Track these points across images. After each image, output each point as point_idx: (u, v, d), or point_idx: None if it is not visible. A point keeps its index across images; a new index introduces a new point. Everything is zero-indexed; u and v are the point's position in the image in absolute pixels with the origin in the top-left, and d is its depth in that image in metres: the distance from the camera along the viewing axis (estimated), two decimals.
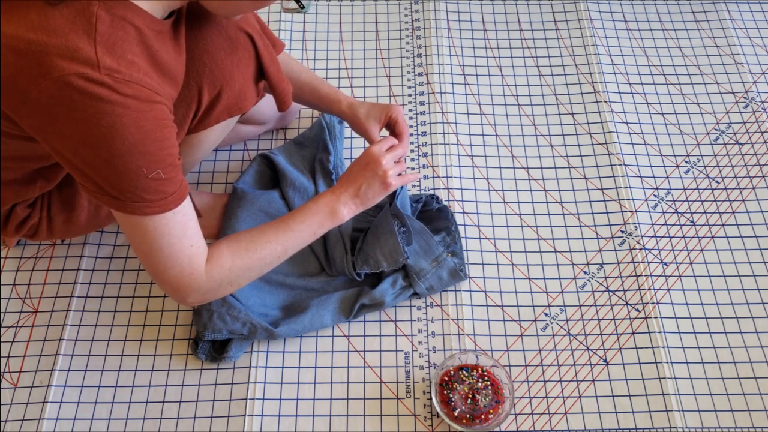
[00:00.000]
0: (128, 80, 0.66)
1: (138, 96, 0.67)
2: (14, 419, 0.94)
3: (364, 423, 0.95)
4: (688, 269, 1.09)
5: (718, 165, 1.21)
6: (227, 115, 0.91)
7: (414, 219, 1.07)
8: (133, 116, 0.67)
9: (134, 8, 0.68)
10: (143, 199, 0.71)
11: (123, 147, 0.67)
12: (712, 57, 1.36)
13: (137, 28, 0.68)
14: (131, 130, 0.67)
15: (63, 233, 0.97)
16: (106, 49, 0.65)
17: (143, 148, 0.69)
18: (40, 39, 0.63)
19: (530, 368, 1.00)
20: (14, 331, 1.02)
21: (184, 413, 0.95)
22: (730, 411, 0.97)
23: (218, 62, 0.86)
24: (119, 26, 0.66)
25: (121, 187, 0.70)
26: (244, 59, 0.89)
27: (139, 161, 0.69)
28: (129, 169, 0.69)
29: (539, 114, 1.27)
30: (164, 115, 0.71)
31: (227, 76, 0.87)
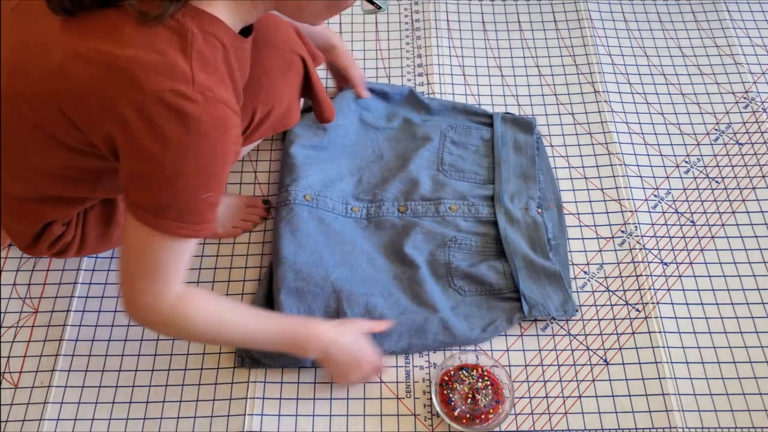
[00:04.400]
0: (218, 100, 0.66)
1: (222, 118, 0.67)
2: (15, 420, 0.94)
3: (364, 423, 0.95)
4: (688, 269, 1.09)
5: (718, 165, 1.21)
6: (272, 131, 0.93)
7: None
8: (213, 138, 0.67)
9: (221, 25, 0.68)
10: (182, 219, 0.70)
11: (192, 166, 0.67)
12: (712, 57, 1.36)
13: (224, 45, 0.68)
14: (206, 151, 0.67)
15: (93, 250, 0.97)
16: (201, 65, 0.65)
17: (209, 170, 0.69)
18: (137, 55, 0.63)
19: (530, 368, 1.00)
20: (14, 331, 1.02)
21: (184, 413, 0.96)
22: (730, 411, 0.97)
23: (273, 84, 0.88)
24: (210, 43, 0.66)
25: (169, 204, 0.69)
26: (295, 80, 0.91)
27: (200, 181, 0.69)
28: (188, 187, 0.69)
29: (539, 114, 1.27)
30: (237, 140, 0.71)
31: (278, 96, 0.89)
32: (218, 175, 0.71)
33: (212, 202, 0.72)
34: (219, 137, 0.67)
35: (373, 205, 1.11)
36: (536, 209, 1.11)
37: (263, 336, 0.86)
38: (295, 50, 0.91)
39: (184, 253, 0.75)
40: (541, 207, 1.12)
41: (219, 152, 0.69)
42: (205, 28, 0.66)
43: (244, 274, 1.08)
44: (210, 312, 0.81)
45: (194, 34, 0.65)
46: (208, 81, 0.65)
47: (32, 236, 0.90)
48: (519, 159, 1.17)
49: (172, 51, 0.64)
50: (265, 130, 0.91)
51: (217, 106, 0.66)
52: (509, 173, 1.15)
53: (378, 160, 1.17)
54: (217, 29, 0.68)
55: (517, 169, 1.16)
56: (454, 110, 1.24)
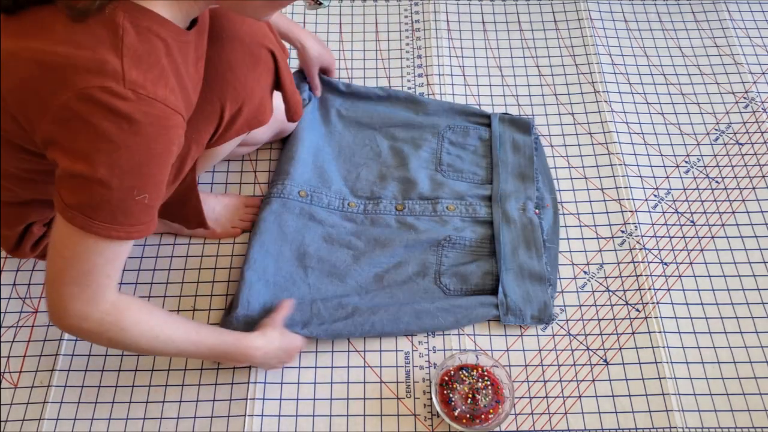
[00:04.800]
0: (152, 98, 0.64)
1: (158, 116, 0.65)
2: (14, 419, 0.94)
3: (364, 423, 0.95)
4: (688, 269, 1.09)
5: (718, 165, 1.21)
6: (247, 128, 0.92)
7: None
8: (146, 138, 0.65)
9: (159, 19, 0.66)
10: (115, 221, 0.68)
11: (126, 166, 0.65)
12: (712, 57, 1.36)
13: (163, 40, 0.66)
14: (140, 150, 0.65)
15: None
16: (133, 62, 0.63)
17: (145, 170, 0.67)
18: (67, 52, 0.62)
19: (530, 368, 1.00)
20: (14, 331, 1.02)
21: (184, 413, 0.95)
22: (730, 411, 0.97)
23: (241, 79, 0.86)
24: (146, 39, 0.64)
25: (99, 204, 0.67)
26: (264, 74, 0.90)
27: (134, 182, 0.67)
28: (121, 188, 0.66)
29: (539, 114, 1.27)
30: (175, 140, 0.69)
31: (248, 92, 0.87)
32: (154, 176, 0.68)
33: (148, 204, 0.69)
34: (154, 136, 0.65)
35: (371, 202, 1.12)
36: (533, 210, 1.11)
37: (197, 351, 0.86)
38: (263, 44, 0.88)
39: (118, 256, 0.72)
40: (539, 207, 1.12)
41: (155, 152, 0.66)
42: (141, 23, 0.64)
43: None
44: (144, 324, 0.78)
45: (126, 29, 0.63)
46: (141, 78, 0.63)
47: (15, 239, 0.90)
48: (517, 159, 1.18)
49: (102, 48, 0.62)
50: (239, 127, 0.90)
51: (151, 104, 0.64)
52: (507, 173, 1.16)
53: (376, 158, 1.17)
54: (155, 24, 0.65)
55: (515, 169, 1.16)
56: (452, 111, 1.24)
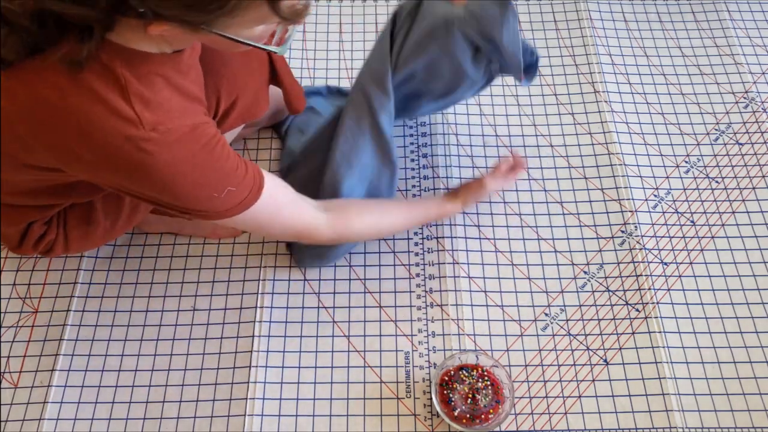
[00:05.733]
0: (171, 127, 0.68)
1: (184, 135, 0.69)
2: (14, 419, 0.94)
3: (364, 423, 0.95)
4: (688, 269, 1.09)
5: (718, 165, 1.21)
6: (241, 121, 0.93)
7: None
8: (184, 162, 0.70)
9: (153, 58, 0.68)
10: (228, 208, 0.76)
11: (188, 185, 0.71)
12: (712, 57, 1.36)
13: (162, 76, 0.69)
14: (187, 169, 0.70)
15: (78, 248, 0.97)
16: (143, 105, 0.66)
17: (205, 180, 0.73)
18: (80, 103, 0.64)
19: (530, 368, 1.00)
20: (14, 331, 1.02)
21: (184, 413, 0.95)
22: (730, 411, 0.97)
23: (234, 72, 0.88)
24: (147, 81, 0.67)
25: (204, 209, 0.75)
26: (258, 68, 0.92)
27: (206, 191, 0.73)
28: (203, 198, 0.74)
29: (539, 114, 1.27)
30: (210, 136, 0.73)
31: (242, 85, 0.89)
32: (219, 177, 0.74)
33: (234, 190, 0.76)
34: (190, 154, 0.70)
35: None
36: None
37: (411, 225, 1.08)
38: None
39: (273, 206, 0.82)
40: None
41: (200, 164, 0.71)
42: (137, 69, 0.67)
43: (244, 274, 1.08)
44: (369, 226, 0.97)
45: (127, 79, 0.66)
46: (155, 116, 0.67)
47: (18, 237, 0.91)
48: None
49: (112, 95, 0.65)
50: (233, 120, 0.92)
51: (174, 132, 0.68)
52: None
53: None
54: (150, 66, 0.68)
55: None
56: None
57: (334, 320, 1.04)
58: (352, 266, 1.09)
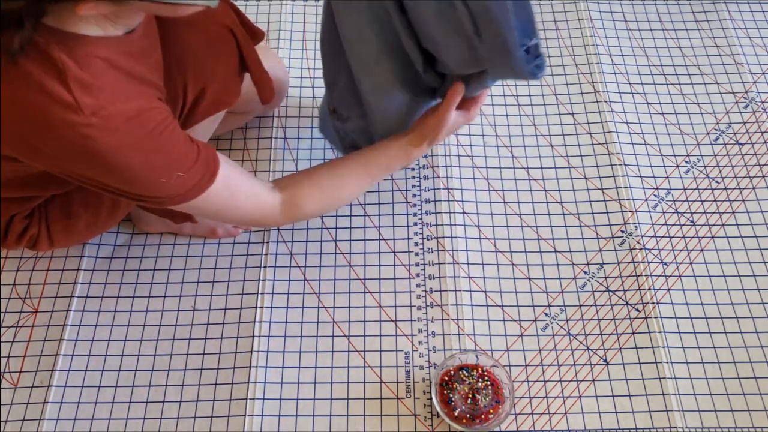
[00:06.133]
0: (113, 112, 0.67)
1: (129, 120, 0.68)
2: (14, 419, 0.94)
3: (364, 423, 0.95)
4: (688, 269, 1.09)
5: (718, 165, 1.21)
6: (213, 110, 0.91)
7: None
8: (128, 141, 0.68)
9: (96, 41, 0.67)
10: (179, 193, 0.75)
11: (134, 170, 0.70)
12: (712, 57, 1.36)
13: (105, 59, 0.68)
14: (132, 154, 0.69)
15: (64, 242, 0.97)
16: (83, 90, 0.65)
17: (152, 165, 0.71)
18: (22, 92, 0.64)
19: (530, 368, 1.00)
20: (14, 331, 1.02)
21: (184, 413, 0.95)
22: (730, 411, 0.97)
23: (200, 60, 0.86)
24: (86, 64, 0.66)
25: (152, 195, 0.74)
26: (226, 53, 0.89)
27: (154, 175, 0.72)
28: (151, 183, 0.73)
29: (539, 114, 1.27)
30: (160, 120, 0.72)
31: (210, 72, 0.87)
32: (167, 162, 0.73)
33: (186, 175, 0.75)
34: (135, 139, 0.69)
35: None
36: None
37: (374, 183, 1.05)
38: (222, 23, 0.88)
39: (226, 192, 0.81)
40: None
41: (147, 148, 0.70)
42: (75, 51, 0.65)
43: (244, 274, 1.08)
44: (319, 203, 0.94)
45: (65, 63, 0.64)
46: (95, 101, 0.66)
47: (1, 232, 0.91)
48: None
49: (50, 82, 0.64)
50: (204, 110, 0.90)
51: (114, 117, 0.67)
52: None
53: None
54: (88, 47, 0.66)
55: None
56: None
57: (334, 320, 1.04)
58: (352, 266, 1.09)
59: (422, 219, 1.14)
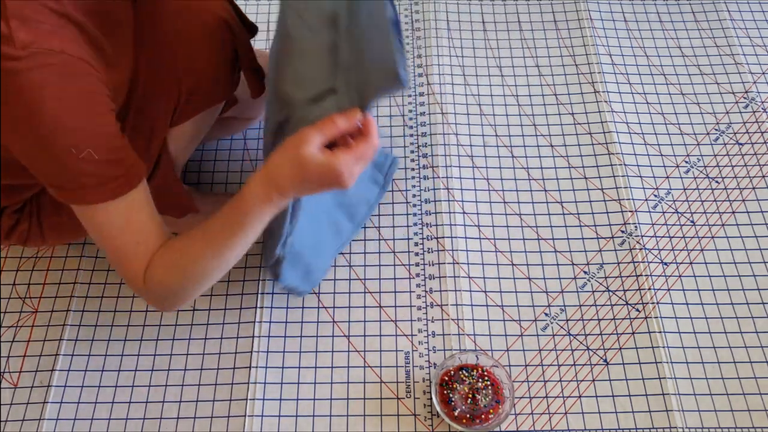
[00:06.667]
0: (48, 48, 0.61)
1: (60, 65, 0.62)
2: (14, 419, 0.94)
3: (364, 423, 0.95)
4: (688, 269, 1.09)
5: (718, 165, 1.21)
6: (208, 104, 0.90)
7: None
8: (52, 89, 0.62)
9: None
10: (81, 184, 0.67)
11: (46, 123, 0.63)
12: (712, 57, 1.36)
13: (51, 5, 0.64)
14: (52, 104, 0.63)
15: (55, 238, 0.95)
16: (20, 22, 0.61)
17: (68, 124, 0.64)
18: None
19: (530, 368, 1.00)
20: (14, 331, 1.02)
21: (184, 413, 0.95)
22: (730, 411, 0.97)
23: (193, 52, 0.84)
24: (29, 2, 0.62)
25: (56, 171, 0.66)
26: (220, 47, 0.87)
27: (66, 139, 0.64)
28: (57, 148, 0.64)
29: (539, 114, 1.27)
30: (93, 88, 0.66)
31: (204, 65, 0.85)
32: (85, 129, 0.65)
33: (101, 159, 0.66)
34: (61, 86, 0.63)
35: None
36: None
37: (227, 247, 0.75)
38: (216, 13, 0.85)
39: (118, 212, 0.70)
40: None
41: (70, 104, 0.64)
42: None
43: (244, 274, 1.08)
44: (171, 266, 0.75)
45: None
46: (31, 36, 0.61)
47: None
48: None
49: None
50: (198, 103, 0.88)
51: (48, 56, 0.62)
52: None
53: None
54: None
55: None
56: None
57: (334, 320, 1.04)
58: (352, 266, 1.09)
59: (422, 219, 1.14)
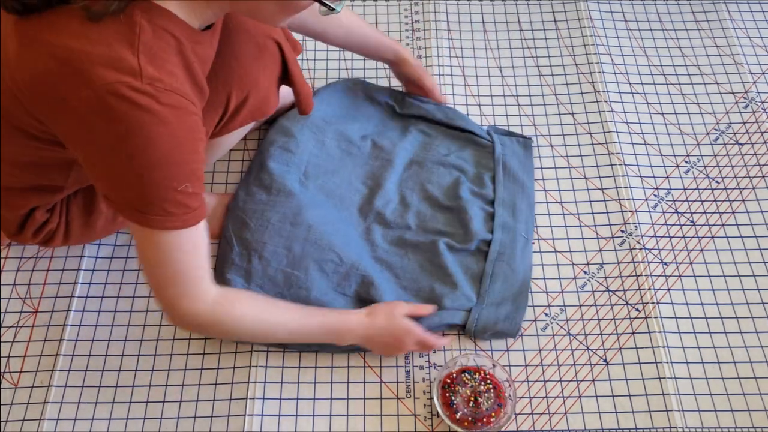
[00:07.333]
0: (169, 90, 0.66)
1: (177, 106, 0.67)
2: (15, 419, 0.94)
3: (364, 423, 0.95)
4: (688, 269, 1.09)
5: (718, 165, 1.21)
6: (251, 119, 0.93)
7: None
8: (170, 126, 0.66)
9: (174, 18, 0.68)
10: (167, 212, 0.71)
11: (156, 157, 0.67)
12: (712, 57, 1.36)
13: (177, 38, 0.68)
14: (166, 140, 0.67)
15: (78, 238, 0.97)
16: (148, 58, 0.65)
17: (176, 159, 0.68)
18: (83, 48, 0.63)
19: (530, 368, 1.00)
20: (14, 331, 1.02)
21: (184, 413, 0.95)
22: (730, 411, 0.97)
23: (246, 68, 0.87)
24: (160, 36, 0.66)
25: (148, 199, 0.70)
26: (270, 65, 0.91)
27: (170, 173, 0.69)
28: (159, 180, 0.69)
29: (539, 114, 1.27)
30: (198, 127, 0.71)
31: (253, 81, 0.89)
32: (188, 165, 0.70)
33: (192, 192, 0.71)
34: (177, 124, 0.67)
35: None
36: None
37: (303, 333, 0.90)
38: (269, 35, 0.90)
39: (193, 245, 0.75)
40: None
41: (180, 140, 0.68)
42: (155, 21, 0.66)
43: None
44: (256, 312, 0.85)
45: (142, 27, 0.64)
46: (157, 72, 0.65)
47: (18, 223, 0.91)
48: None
49: (118, 44, 0.63)
50: (243, 118, 0.91)
51: (169, 95, 0.66)
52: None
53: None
54: (169, 23, 0.67)
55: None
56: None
57: None
58: None
59: None
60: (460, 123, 1.20)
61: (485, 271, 1.05)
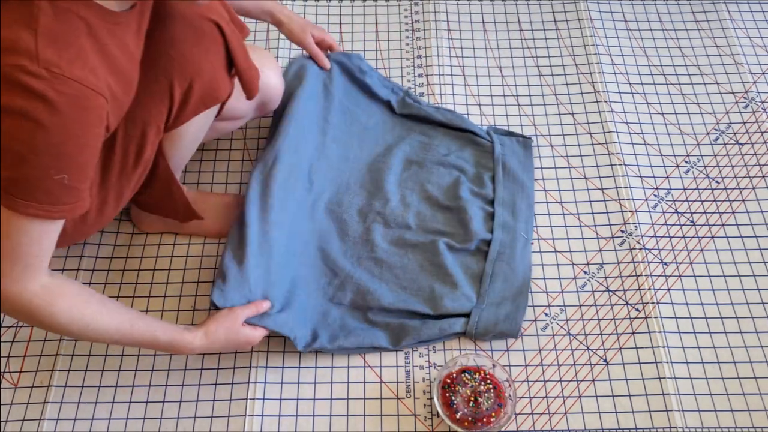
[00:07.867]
0: (68, 77, 0.63)
1: (74, 96, 0.64)
2: (15, 419, 0.94)
3: (364, 423, 0.95)
4: (688, 269, 1.09)
5: (718, 165, 1.21)
6: (203, 107, 0.90)
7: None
8: (62, 118, 0.64)
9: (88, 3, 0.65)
10: (35, 197, 0.68)
11: (42, 145, 0.65)
12: (712, 57, 1.36)
13: (84, 20, 0.65)
14: (56, 131, 0.64)
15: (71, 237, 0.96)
16: (48, 41, 0.62)
17: (63, 150, 0.66)
18: None
19: (530, 368, 1.00)
20: (14, 331, 1.02)
21: (184, 413, 0.95)
22: (730, 411, 0.97)
23: (185, 54, 0.84)
24: (64, 18, 0.64)
25: (20, 181, 0.67)
26: (212, 48, 0.87)
27: (52, 161, 0.66)
28: (39, 166, 0.66)
29: (539, 114, 1.27)
30: (95, 121, 0.68)
31: (196, 67, 0.85)
32: (74, 158, 0.68)
33: (69, 185, 0.69)
34: (71, 116, 0.65)
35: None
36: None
37: (130, 342, 0.86)
38: (206, 17, 0.85)
39: (43, 236, 0.72)
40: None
41: (72, 132, 0.66)
42: (60, 3, 0.63)
43: None
44: (76, 311, 0.78)
45: (41, 9, 0.62)
46: (55, 57, 0.62)
47: None
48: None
49: (17, 26, 0.61)
50: (194, 106, 0.88)
51: (67, 83, 0.63)
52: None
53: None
54: (75, 4, 0.64)
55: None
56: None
57: None
58: None
59: None
60: (458, 124, 1.20)
61: (485, 271, 1.05)
